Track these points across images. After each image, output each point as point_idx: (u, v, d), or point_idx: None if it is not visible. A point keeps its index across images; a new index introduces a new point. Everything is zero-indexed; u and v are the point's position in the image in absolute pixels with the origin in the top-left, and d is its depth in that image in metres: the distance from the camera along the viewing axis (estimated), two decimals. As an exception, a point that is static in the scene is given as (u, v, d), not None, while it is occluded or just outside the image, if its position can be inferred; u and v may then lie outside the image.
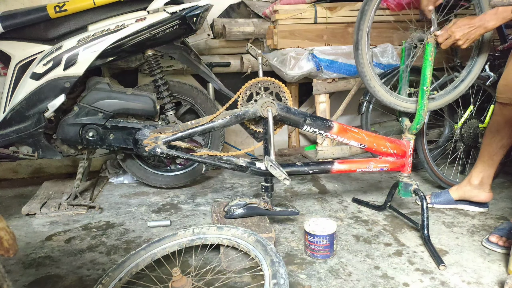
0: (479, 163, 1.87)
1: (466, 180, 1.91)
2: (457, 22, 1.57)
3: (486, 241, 1.59)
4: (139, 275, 1.36)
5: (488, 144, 1.80)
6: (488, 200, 1.89)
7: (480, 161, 1.86)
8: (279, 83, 1.61)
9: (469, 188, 1.89)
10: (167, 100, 2.08)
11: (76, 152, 2.07)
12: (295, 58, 2.31)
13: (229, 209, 1.62)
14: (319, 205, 2.03)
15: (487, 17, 1.53)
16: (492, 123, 1.79)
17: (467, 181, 1.90)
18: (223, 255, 1.44)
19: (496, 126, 1.76)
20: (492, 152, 1.80)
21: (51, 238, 1.73)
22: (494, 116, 1.78)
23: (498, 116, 1.74)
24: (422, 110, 1.65)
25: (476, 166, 1.87)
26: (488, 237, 1.60)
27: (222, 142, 2.26)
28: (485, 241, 1.60)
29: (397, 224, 1.80)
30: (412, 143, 1.72)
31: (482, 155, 1.84)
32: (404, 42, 1.68)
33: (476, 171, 1.87)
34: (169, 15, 1.87)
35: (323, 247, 1.50)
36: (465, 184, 1.91)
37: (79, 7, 1.84)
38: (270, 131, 1.54)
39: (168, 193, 2.23)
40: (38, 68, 1.85)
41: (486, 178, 1.86)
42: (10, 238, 0.60)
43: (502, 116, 1.72)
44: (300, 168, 1.69)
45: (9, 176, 2.57)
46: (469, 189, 1.89)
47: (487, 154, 1.82)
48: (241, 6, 2.70)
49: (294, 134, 2.96)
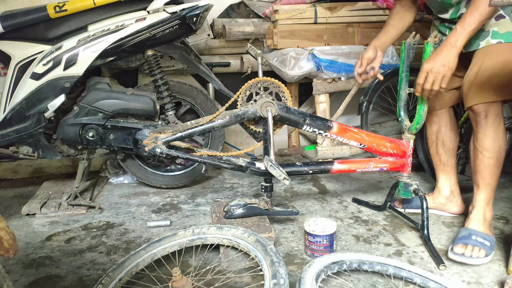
0: (440, 174, 1.85)
1: (437, 191, 1.87)
2: (427, 59, 1.48)
3: (452, 253, 1.47)
4: (139, 275, 1.36)
5: (436, 153, 1.83)
6: (461, 213, 1.84)
7: (439, 170, 1.84)
8: (278, 83, 1.61)
9: (443, 201, 1.85)
10: (167, 100, 2.08)
11: (76, 152, 2.07)
12: (295, 58, 2.31)
13: (229, 209, 1.62)
14: (319, 205, 2.03)
15: (453, 38, 1.42)
16: (432, 133, 1.83)
17: (438, 192, 1.86)
18: (223, 255, 1.44)
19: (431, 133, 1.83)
20: (443, 160, 1.82)
21: (51, 238, 1.73)
22: (430, 126, 1.83)
23: (434, 125, 1.81)
24: (422, 110, 1.65)
25: (440, 177, 1.85)
26: (452, 248, 1.49)
27: (222, 142, 2.26)
28: (451, 253, 1.47)
29: (397, 224, 1.80)
30: (412, 143, 1.72)
31: (438, 165, 1.84)
32: (404, 42, 1.68)
33: (442, 181, 1.84)
34: (169, 15, 1.87)
35: (323, 247, 1.50)
36: (437, 196, 1.86)
37: (79, 7, 1.84)
38: (270, 131, 1.54)
39: (168, 193, 2.23)
40: (38, 68, 1.85)
41: (453, 185, 1.83)
42: (10, 238, 0.61)
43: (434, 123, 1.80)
44: (300, 168, 1.70)
45: (9, 176, 2.57)
46: (443, 201, 1.85)
47: (440, 162, 1.83)
48: (241, 6, 2.70)
49: (294, 134, 2.96)
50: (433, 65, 1.44)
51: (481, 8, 1.38)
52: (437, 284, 1.22)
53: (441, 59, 1.43)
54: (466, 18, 1.41)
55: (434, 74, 1.45)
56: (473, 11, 1.39)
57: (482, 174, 1.53)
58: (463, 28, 1.41)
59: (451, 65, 1.43)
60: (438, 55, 1.44)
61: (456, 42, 1.41)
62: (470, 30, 1.40)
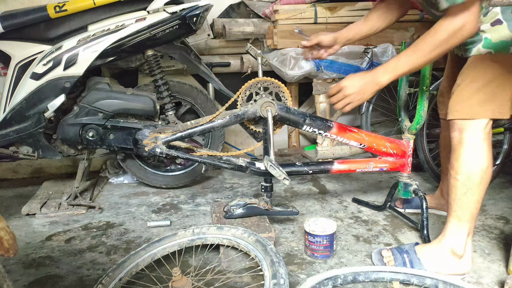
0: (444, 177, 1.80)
1: (438, 192, 1.85)
2: (351, 76, 1.41)
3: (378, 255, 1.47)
4: (139, 275, 1.36)
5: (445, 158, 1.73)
6: None
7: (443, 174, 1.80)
8: (278, 83, 1.61)
9: (443, 202, 1.81)
10: (167, 100, 2.08)
11: (76, 152, 2.07)
12: (295, 58, 2.31)
13: (228, 209, 1.62)
14: (319, 205, 2.03)
15: (381, 72, 1.35)
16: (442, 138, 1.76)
17: (439, 193, 1.84)
18: (223, 255, 1.44)
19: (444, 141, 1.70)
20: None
21: (51, 238, 1.73)
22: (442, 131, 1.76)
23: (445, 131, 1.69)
24: (422, 110, 1.65)
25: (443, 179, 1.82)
26: (381, 251, 1.48)
27: (222, 142, 2.26)
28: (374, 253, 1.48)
29: (397, 224, 1.80)
30: (412, 143, 1.72)
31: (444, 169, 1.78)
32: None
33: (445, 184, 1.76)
34: (169, 15, 1.87)
35: (323, 247, 1.50)
36: (438, 197, 1.84)
37: (79, 7, 1.85)
38: (270, 131, 1.54)
39: (168, 193, 2.23)
40: (38, 68, 1.85)
41: None
42: (10, 238, 0.61)
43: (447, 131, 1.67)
44: (300, 168, 1.70)
45: (9, 176, 2.57)
46: (444, 203, 1.80)
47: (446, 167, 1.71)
48: (241, 6, 2.70)
49: (294, 134, 2.96)
50: (351, 86, 1.39)
51: (422, 52, 1.26)
52: (432, 279, 1.22)
53: (360, 86, 1.38)
54: (401, 57, 1.31)
55: (344, 94, 1.41)
56: (413, 51, 1.28)
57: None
58: (394, 68, 1.32)
59: (364, 98, 1.39)
60: (362, 80, 1.38)
61: (381, 78, 1.35)
62: (401, 73, 1.33)
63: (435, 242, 1.42)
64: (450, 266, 1.37)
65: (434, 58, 1.28)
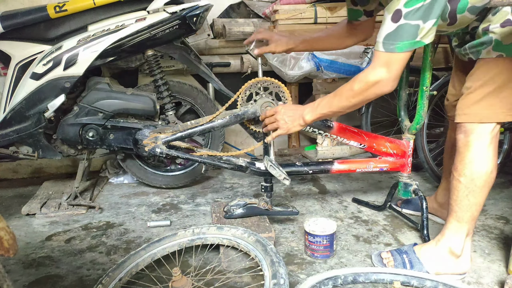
0: (443, 180, 1.77)
1: (433, 196, 1.83)
2: (288, 105, 1.47)
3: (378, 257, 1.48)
4: (139, 275, 1.36)
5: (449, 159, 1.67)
6: None
7: (444, 177, 1.77)
8: (278, 83, 1.61)
9: (436, 207, 1.79)
10: (167, 100, 2.08)
11: (76, 152, 2.07)
12: (295, 58, 2.31)
13: (228, 209, 1.62)
14: (319, 205, 2.03)
15: (307, 110, 1.39)
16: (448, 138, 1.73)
17: (434, 197, 1.82)
18: (223, 255, 1.44)
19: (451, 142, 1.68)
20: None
21: (51, 238, 1.73)
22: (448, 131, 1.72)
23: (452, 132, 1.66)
24: (422, 110, 1.65)
25: (441, 182, 1.79)
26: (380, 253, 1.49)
27: (222, 142, 2.26)
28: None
29: (397, 224, 1.80)
30: (412, 143, 1.72)
31: (445, 172, 1.75)
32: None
33: (441, 188, 1.78)
34: (169, 15, 1.87)
35: (323, 247, 1.50)
36: (431, 200, 1.81)
37: (79, 7, 1.85)
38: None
39: (168, 193, 2.23)
40: (38, 68, 1.85)
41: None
42: (10, 238, 0.60)
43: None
44: (300, 168, 1.70)
45: (9, 176, 2.57)
46: (436, 208, 1.79)
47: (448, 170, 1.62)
48: (241, 6, 2.70)
49: (294, 134, 2.96)
50: (284, 114, 1.43)
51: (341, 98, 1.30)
52: (432, 281, 1.22)
53: (290, 116, 1.42)
54: (324, 99, 1.36)
55: (276, 118, 1.45)
56: (335, 95, 1.33)
57: None
58: (316, 109, 1.37)
59: (290, 128, 1.43)
60: (294, 112, 1.42)
61: (306, 115, 1.39)
62: (322, 114, 1.37)
63: (434, 242, 1.42)
64: (448, 266, 1.37)
65: (355, 105, 1.31)
